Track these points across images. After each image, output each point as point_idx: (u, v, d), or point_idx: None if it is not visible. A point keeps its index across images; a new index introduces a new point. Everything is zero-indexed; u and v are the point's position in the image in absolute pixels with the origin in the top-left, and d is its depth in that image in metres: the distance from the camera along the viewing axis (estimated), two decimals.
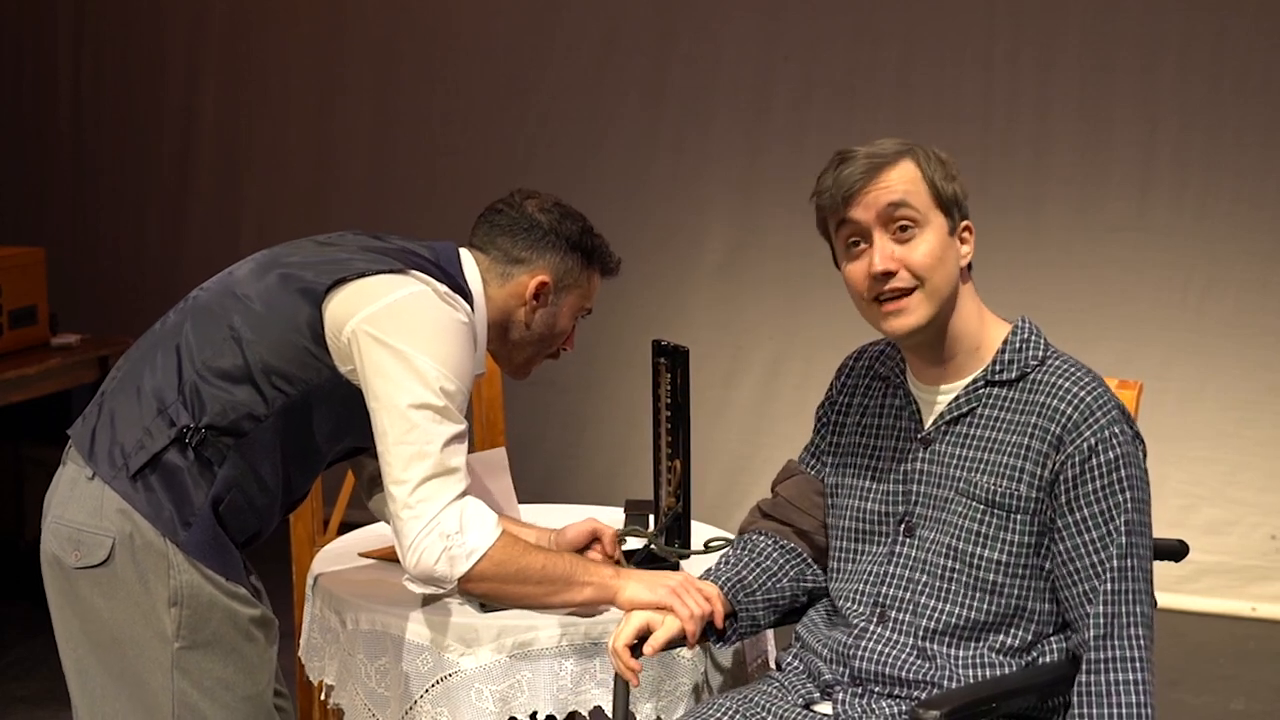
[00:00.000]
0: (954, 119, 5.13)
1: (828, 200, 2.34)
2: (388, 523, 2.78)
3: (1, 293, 4.70)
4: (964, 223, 2.35)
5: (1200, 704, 4.37)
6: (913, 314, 2.30)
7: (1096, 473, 2.24)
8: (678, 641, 2.42)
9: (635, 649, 2.39)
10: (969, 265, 2.38)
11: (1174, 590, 4.89)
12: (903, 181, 2.30)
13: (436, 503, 2.34)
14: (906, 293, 2.29)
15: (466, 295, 2.52)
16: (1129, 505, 2.24)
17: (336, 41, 5.94)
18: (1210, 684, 4.51)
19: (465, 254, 2.59)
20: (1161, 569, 2.48)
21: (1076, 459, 2.25)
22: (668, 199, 5.56)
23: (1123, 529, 2.23)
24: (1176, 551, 2.41)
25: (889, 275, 2.29)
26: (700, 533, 2.94)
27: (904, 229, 2.29)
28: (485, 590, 2.41)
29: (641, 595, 2.44)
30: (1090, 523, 2.24)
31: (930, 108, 5.17)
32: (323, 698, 2.70)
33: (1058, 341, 2.40)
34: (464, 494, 2.38)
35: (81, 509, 2.40)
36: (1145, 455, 2.33)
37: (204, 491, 2.38)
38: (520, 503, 3.03)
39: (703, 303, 5.55)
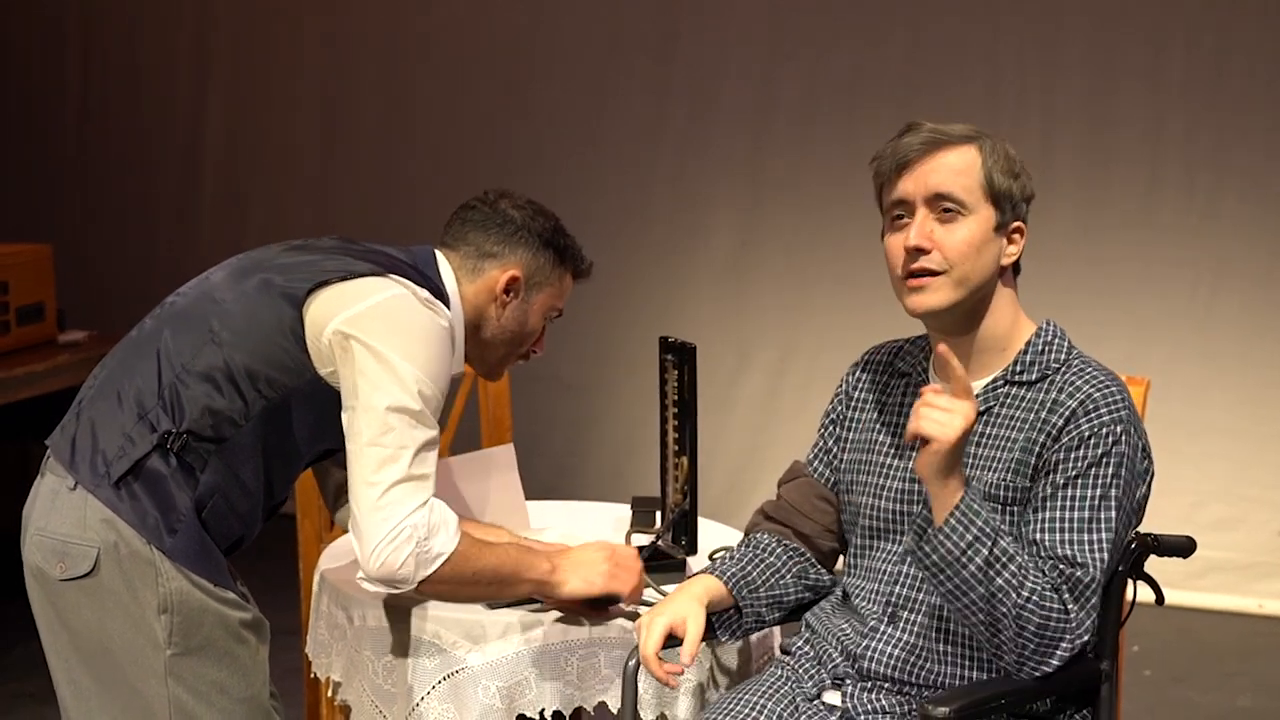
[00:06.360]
0: (959, 116, 5.05)
1: (881, 166, 2.34)
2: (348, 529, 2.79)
3: (9, 290, 4.71)
4: (1016, 223, 2.33)
5: (1207, 701, 4.37)
6: (934, 294, 2.29)
7: (1079, 463, 2.23)
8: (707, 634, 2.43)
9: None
10: (1016, 269, 2.36)
11: (1181, 587, 4.88)
12: (959, 166, 2.29)
13: (404, 507, 2.33)
14: (933, 274, 2.29)
15: (444, 297, 2.51)
16: (1098, 500, 2.21)
17: (343, 40, 5.95)
18: (1217, 681, 4.51)
19: (439, 255, 2.58)
20: (1169, 565, 2.47)
21: (1066, 446, 2.24)
22: (673, 197, 5.56)
23: (1078, 522, 2.21)
24: (1185, 548, 2.40)
25: (921, 252, 2.28)
26: (707, 529, 2.94)
27: (947, 211, 2.29)
28: (440, 591, 2.41)
29: (581, 590, 2.47)
30: (1050, 501, 2.23)
31: (935, 105, 5.15)
32: (330, 694, 2.70)
33: None
34: (428, 502, 2.36)
35: (65, 520, 2.37)
36: (1149, 470, 2.31)
37: (188, 497, 2.36)
38: (527, 499, 3.03)
39: (709, 300, 5.54)
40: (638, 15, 5.57)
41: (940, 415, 2.12)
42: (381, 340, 2.36)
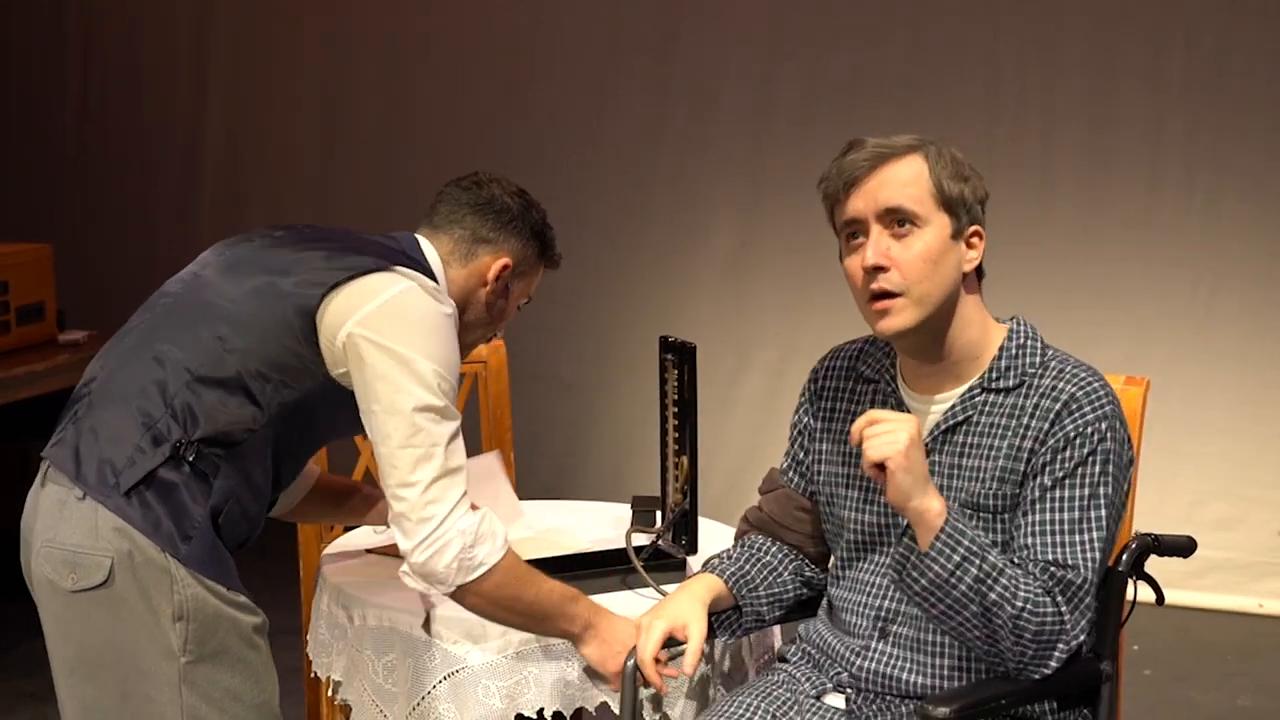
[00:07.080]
0: (959, 116, 5.12)
1: (829, 187, 2.30)
2: (285, 518, 2.79)
3: (9, 289, 4.71)
4: (973, 227, 2.29)
5: (1207, 700, 4.37)
6: (899, 316, 2.25)
7: (1067, 463, 2.21)
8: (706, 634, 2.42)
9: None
10: (979, 273, 2.33)
11: (1181, 586, 4.87)
12: (906, 178, 2.25)
13: (446, 503, 2.33)
14: (893, 295, 2.25)
15: (436, 282, 2.50)
16: (1087, 499, 2.20)
17: (343, 40, 5.95)
18: (1217, 680, 4.51)
19: (423, 240, 2.57)
20: (1169, 565, 2.47)
21: (1052, 448, 2.22)
22: (673, 197, 5.56)
23: (1068, 524, 2.20)
24: (1186, 548, 2.40)
25: (880, 270, 2.24)
26: (707, 529, 2.94)
27: (901, 224, 2.25)
28: (473, 605, 2.39)
29: (591, 660, 2.46)
30: (1039, 504, 2.21)
31: (935, 105, 5.16)
32: (330, 694, 2.70)
33: (1065, 339, 2.39)
34: (466, 494, 2.36)
35: (75, 531, 2.33)
36: (1132, 460, 2.30)
37: (202, 504, 2.34)
38: (527, 499, 3.03)
39: (709, 300, 5.54)
40: (638, 15, 5.57)
41: (885, 437, 2.12)
42: (398, 339, 2.35)
